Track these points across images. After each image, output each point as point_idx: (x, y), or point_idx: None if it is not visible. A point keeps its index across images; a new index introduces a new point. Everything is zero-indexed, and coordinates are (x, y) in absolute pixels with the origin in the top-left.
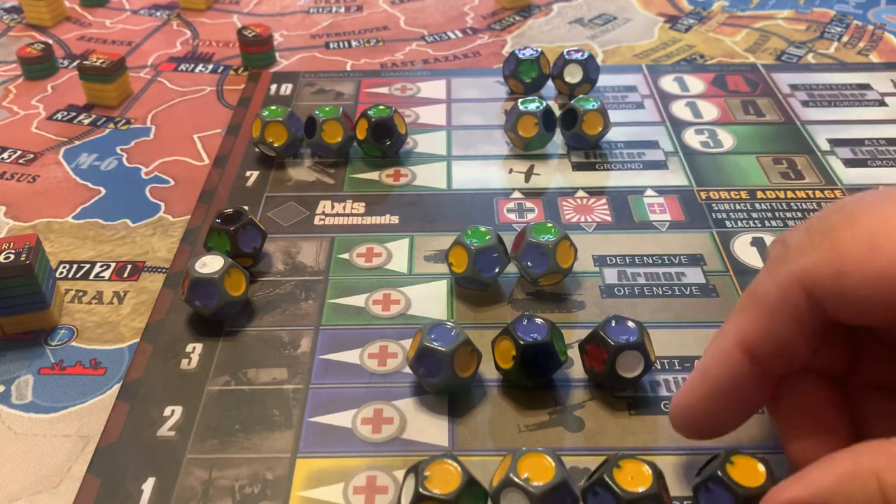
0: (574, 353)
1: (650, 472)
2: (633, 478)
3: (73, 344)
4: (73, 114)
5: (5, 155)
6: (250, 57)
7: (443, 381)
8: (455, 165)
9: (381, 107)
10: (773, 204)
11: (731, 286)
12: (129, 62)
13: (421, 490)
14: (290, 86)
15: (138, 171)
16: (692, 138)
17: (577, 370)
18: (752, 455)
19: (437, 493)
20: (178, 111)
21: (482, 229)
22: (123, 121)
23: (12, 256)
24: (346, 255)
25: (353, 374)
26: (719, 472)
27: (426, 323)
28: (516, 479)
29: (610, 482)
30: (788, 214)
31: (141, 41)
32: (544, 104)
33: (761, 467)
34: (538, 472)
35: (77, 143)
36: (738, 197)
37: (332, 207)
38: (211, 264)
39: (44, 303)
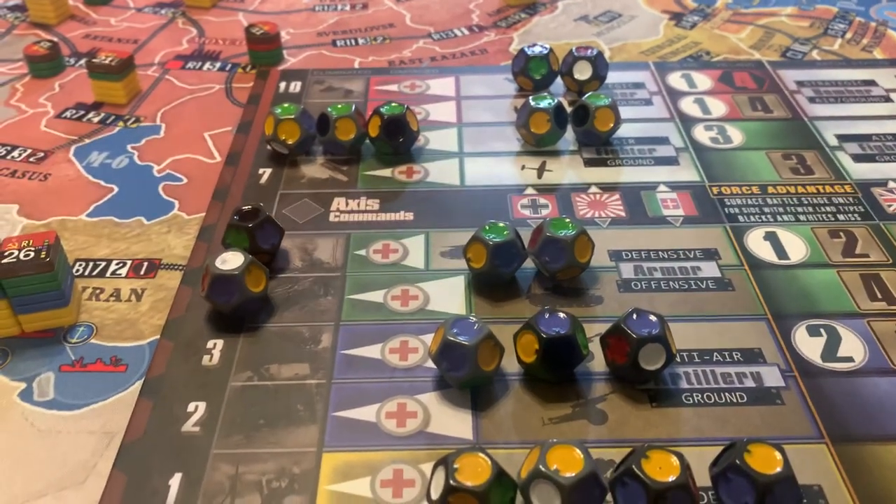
0: (594, 348)
1: (678, 462)
2: (662, 468)
3: (93, 341)
4: (82, 112)
5: (15, 153)
6: (258, 54)
7: (466, 375)
8: (467, 162)
9: (394, 104)
10: (785, 199)
11: (747, 280)
12: (135, 60)
13: (452, 482)
14: (298, 83)
15: (150, 169)
16: (702, 134)
17: (597, 364)
18: (767, 443)
19: (469, 485)
20: (187, 109)
21: (500, 225)
22: (133, 119)
23: (32, 254)
24: (362, 252)
25: (375, 369)
26: (738, 461)
27: (449, 317)
28: (546, 471)
29: (639, 472)
30: (800, 209)
31: (147, 39)
32: (556, 101)
33: (778, 455)
34: (567, 463)
35: (87, 141)
36: (749, 192)
37: (347, 204)
38: (231, 261)
39: (63, 300)
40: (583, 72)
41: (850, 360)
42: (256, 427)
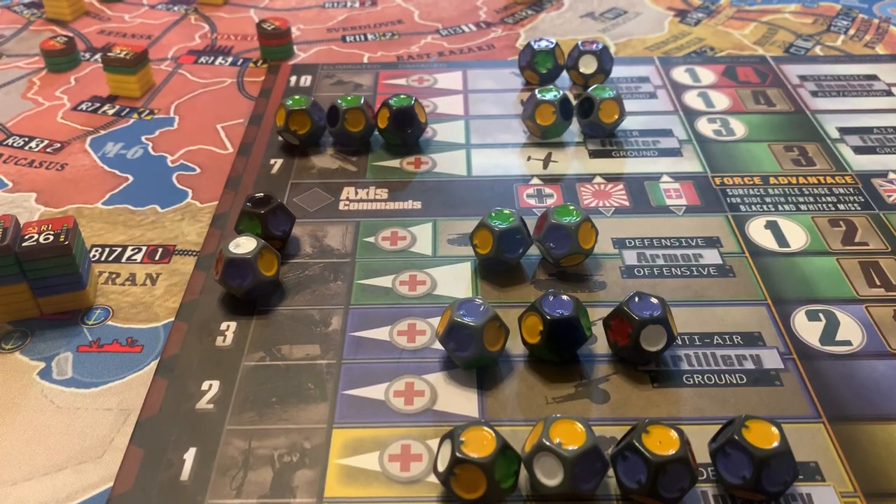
0: (598, 331)
1: (678, 436)
2: (662, 442)
3: (109, 323)
4: (98, 104)
5: (33, 144)
6: (269, 49)
7: (472, 355)
8: (474, 153)
9: (402, 96)
10: (786, 189)
11: (748, 266)
12: (149, 55)
13: (458, 454)
14: (309, 77)
15: (164, 160)
16: (705, 127)
17: (600, 346)
18: (765, 419)
19: (474, 457)
20: (200, 102)
21: (506, 211)
22: (147, 111)
23: (51, 237)
24: (371, 239)
25: (383, 350)
26: (736, 437)
27: (455, 299)
28: (549, 444)
29: (639, 446)
30: (801, 199)
31: (160, 35)
32: (562, 93)
33: (775, 430)
34: (570, 437)
35: (102, 132)
36: (751, 182)
37: (356, 193)
38: (245, 245)
39: (80, 283)
40: (588, 66)
41: (847, 343)
42: (268, 404)
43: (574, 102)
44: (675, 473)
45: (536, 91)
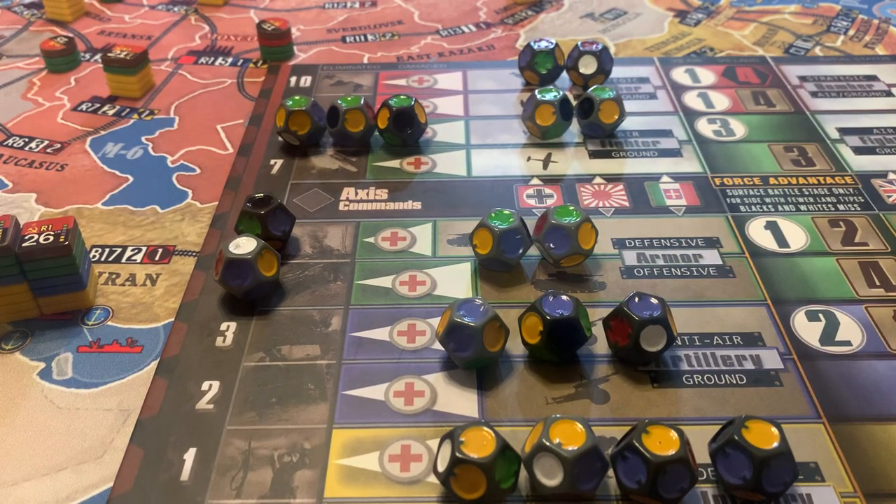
0: (598, 331)
1: (677, 437)
2: (662, 442)
3: (109, 323)
4: (98, 105)
5: (33, 144)
6: (269, 50)
7: (472, 356)
8: (474, 154)
9: (402, 96)
10: (786, 189)
11: (748, 267)
12: (149, 55)
13: (458, 454)
14: (309, 78)
15: (164, 160)
16: (705, 127)
17: (600, 346)
18: (765, 420)
19: (474, 457)
20: (200, 102)
21: (506, 212)
22: (147, 111)
23: (51, 238)
24: (371, 239)
25: (383, 351)
26: (736, 437)
27: (455, 300)
28: (549, 444)
29: (639, 446)
30: (801, 199)
31: (160, 35)
32: (561, 93)
33: (775, 431)
34: (570, 437)
35: (103, 132)
36: (751, 183)
37: (356, 194)
38: (245, 245)
39: (80, 283)
40: (588, 66)
41: (847, 343)
42: (268, 405)
43: (574, 103)
44: (675, 474)
45: (536, 91)
